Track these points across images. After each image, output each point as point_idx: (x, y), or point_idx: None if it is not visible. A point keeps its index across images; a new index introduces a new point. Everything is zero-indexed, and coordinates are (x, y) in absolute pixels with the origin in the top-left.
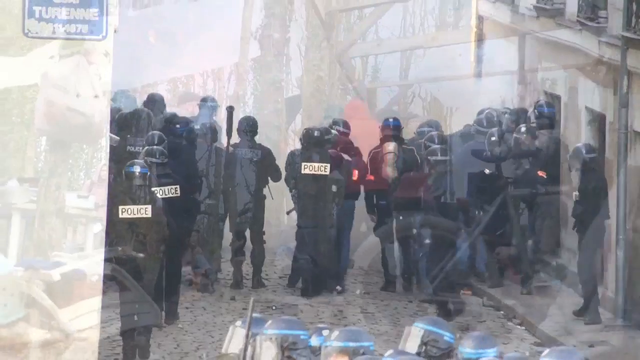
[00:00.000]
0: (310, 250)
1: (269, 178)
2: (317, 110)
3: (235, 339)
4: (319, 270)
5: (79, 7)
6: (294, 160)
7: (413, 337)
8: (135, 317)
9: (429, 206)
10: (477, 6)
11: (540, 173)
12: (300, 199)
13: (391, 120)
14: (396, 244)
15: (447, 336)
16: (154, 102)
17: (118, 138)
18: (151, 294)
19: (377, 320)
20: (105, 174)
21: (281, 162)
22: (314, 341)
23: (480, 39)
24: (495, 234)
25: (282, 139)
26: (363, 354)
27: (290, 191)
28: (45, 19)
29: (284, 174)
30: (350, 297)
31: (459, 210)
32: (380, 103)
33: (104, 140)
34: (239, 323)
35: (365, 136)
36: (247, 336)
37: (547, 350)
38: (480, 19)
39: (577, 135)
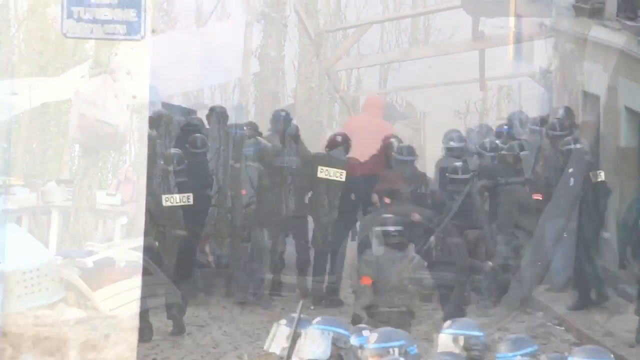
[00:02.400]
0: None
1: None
2: (309, 116)
3: (278, 337)
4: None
5: (117, 8)
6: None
7: (444, 343)
8: (157, 297)
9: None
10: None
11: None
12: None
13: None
14: None
15: (478, 334)
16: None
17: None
18: (170, 278)
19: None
20: (129, 174)
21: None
22: (354, 341)
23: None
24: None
25: None
26: (405, 353)
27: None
28: (83, 19)
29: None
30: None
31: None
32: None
33: (128, 145)
34: (283, 321)
35: (374, 137)
36: (293, 335)
37: (576, 349)
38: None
39: (615, 135)
